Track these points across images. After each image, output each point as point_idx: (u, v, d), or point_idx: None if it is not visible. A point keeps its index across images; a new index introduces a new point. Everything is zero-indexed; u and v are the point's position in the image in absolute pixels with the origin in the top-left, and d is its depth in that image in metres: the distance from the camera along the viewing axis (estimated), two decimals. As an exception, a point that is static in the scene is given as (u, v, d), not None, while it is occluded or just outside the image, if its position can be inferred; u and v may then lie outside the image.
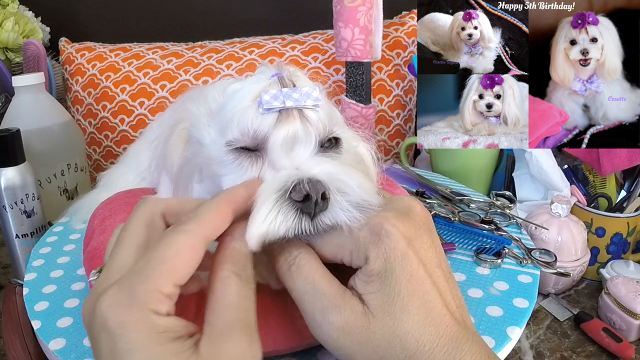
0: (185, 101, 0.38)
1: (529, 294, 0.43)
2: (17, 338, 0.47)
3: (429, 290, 0.27)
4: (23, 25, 0.89)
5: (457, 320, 0.27)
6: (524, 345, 0.54)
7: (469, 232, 0.54)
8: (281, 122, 0.31)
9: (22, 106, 0.68)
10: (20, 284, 0.50)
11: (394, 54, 0.86)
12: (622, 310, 0.55)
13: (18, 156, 0.59)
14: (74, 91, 0.89)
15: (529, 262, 0.48)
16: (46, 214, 0.64)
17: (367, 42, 0.72)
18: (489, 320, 0.40)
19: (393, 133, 0.86)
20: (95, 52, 0.89)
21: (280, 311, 0.34)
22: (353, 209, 0.29)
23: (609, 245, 0.64)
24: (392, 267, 0.27)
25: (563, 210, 0.60)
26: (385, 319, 0.27)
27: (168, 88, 0.84)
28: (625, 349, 0.51)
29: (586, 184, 0.70)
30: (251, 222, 0.28)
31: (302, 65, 0.84)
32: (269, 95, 0.31)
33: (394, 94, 0.85)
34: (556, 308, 0.59)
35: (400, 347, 0.26)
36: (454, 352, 0.26)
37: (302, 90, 0.32)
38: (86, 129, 0.88)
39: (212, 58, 0.86)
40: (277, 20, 1.03)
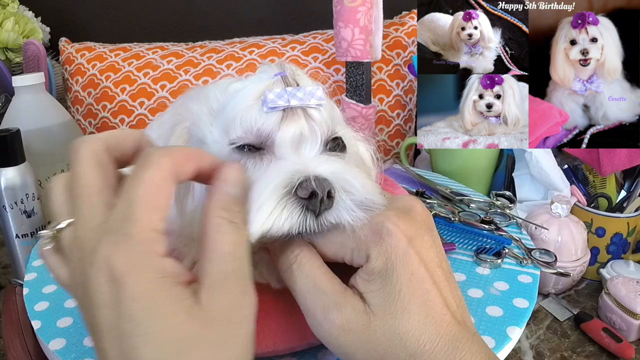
0: (185, 101, 0.38)
1: (529, 294, 0.43)
2: (17, 338, 0.47)
3: (430, 289, 0.27)
4: (23, 25, 0.89)
5: (458, 319, 0.27)
6: (524, 345, 0.54)
7: (469, 232, 0.54)
8: (287, 120, 0.31)
9: (22, 106, 0.68)
10: (20, 284, 0.50)
11: (394, 54, 0.86)
12: (622, 310, 0.55)
13: (18, 156, 0.59)
14: (74, 91, 0.89)
15: (529, 262, 0.48)
16: (46, 214, 0.64)
17: (367, 42, 0.72)
18: (489, 320, 0.40)
19: (393, 133, 0.86)
20: (95, 52, 0.89)
21: (281, 311, 0.34)
22: (357, 209, 0.29)
23: (609, 245, 0.64)
24: (393, 265, 0.27)
25: (563, 210, 0.60)
26: (386, 317, 0.27)
27: (168, 88, 0.84)
28: (625, 349, 0.52)
29: (586, 184, 0.70)
30: (254, 215, 0.28)
31: (302, 65, 0.84)
32: (273, 93, 0.31)
33: (394, 94, 0.85)
34: (556, 308, 0.59)
35: (400, 346, 0.26)
36: (454, 351, 0.26)
37: (306, 90, 0.32)
38: (86, 129, 0.88)
39: (212, 58, 0.86)
40: (277, 20, 1.03)
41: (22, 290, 0.47)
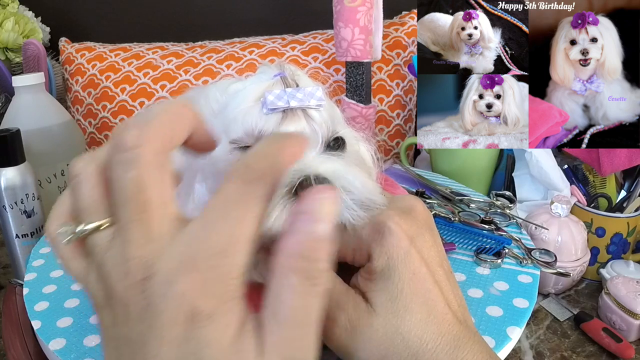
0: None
1: (529, 294, 0.43)
2: (17, 338, 0.47)
3: (431, 288, 0.27)
4: (23, 25, 0.89)
5: (459, 319, 0.27)
6: (524, 345, 0.54)
7: (469, 232, 0.54)
8: (286, 121, 0.31)
9: (22, 106, 0.68)
10: (20, 284, 0.50)
11: (394, 54, 0.86)
12: (622, 310, 0.55)
13: (18, 156, 0.59)
14: (74, 91, 0.89)
15: (529, 262, 0.48)
16: (46, 214, 0.64)
17: (367, 42, 0.72)
18: (489, 320, 0.40)
19: (393, 133, 0.86)
20: (95, 52, 0.89)
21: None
22: (358, 208, 0.29)
23: (609, 245, 0.64)
24: (395, 265, 0.27)
25: (563, 210, 0.60)
26: (388, 316, 0.27)
27: (168, 88, 0.84)
28: (625, 349, 0.52)
29: (586, 184, 0.70)
30: None
31: (302, 65, 0.84)
32: (272, 95, 0.31)
33: (394, 94, 0.85)
34: (556, 308, 0.59)
35: (403, 345, 0.26)
36: (456, 350, 0.26)
37: (305, 91, 0.32)
38: (86, 129, 0.88)
39: (212, 58, 0.86)
40: (277, 20, 1.03)
41: (22, 290, 0.47)
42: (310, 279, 0.20)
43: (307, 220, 0.20)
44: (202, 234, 0.20)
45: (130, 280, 0.21)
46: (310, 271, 0.20)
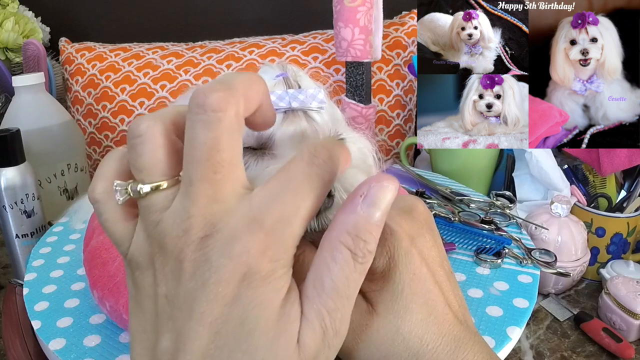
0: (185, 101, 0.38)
1: (529, 294, 0.43)
2: (17, 338, 0.46)
3: (432, 289, 0.27)
4: (23, 25, 0.89)
5: (459, 319, 0.27)
6: (524, 345, 0.54)
7: (469, 232, 0.54)
8: (287, 121, 0.32)
9: (22, 106, 0.68)
10: (20, 284, 0.50)
11: (394, 54, 0.86)
12: (622, 310, 0.55)
13: (18, 156, 0.59)
14: (74, 91, 0.89)
15: (529, 262, 0.48)
16: (46, 214, 0.64)
17: (367, 42, 0.72)
18: (489, 320, 0.40)
19: (393, 133, 0.87)
20: (95, 52, 0.89)
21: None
22: None
23: (609, 245, 0.64)
24: (396, 265, 0.27)
25: (563, 210, 0.60)
26: (389, 317, 0.27)
27: (168, 88, 0.84)
28: (625, 349, 0.52)
29: (586, 184, 0.70)
30: None
31: (302, 65, 0.84)
32: (274, 95, 0.31)
33: (394, 94, 0.85)
34: (556, 308, 0.59)
35: (403, 345, 0.26)
36: (456, 351, 0.26)
37: (307, 92, 0.32)
38: (86, 129, 0.88)
39: (212, 58, 0.86)
40: (277, 20, 1.03)
41: (22, 290, 0.47)
42: (359, 256, 0.22)
43: (368, 205, 0.22)
44: (270, 200, 0.21)
45: (190, 236, 0.21)
46: (361, 249, 0.22)
